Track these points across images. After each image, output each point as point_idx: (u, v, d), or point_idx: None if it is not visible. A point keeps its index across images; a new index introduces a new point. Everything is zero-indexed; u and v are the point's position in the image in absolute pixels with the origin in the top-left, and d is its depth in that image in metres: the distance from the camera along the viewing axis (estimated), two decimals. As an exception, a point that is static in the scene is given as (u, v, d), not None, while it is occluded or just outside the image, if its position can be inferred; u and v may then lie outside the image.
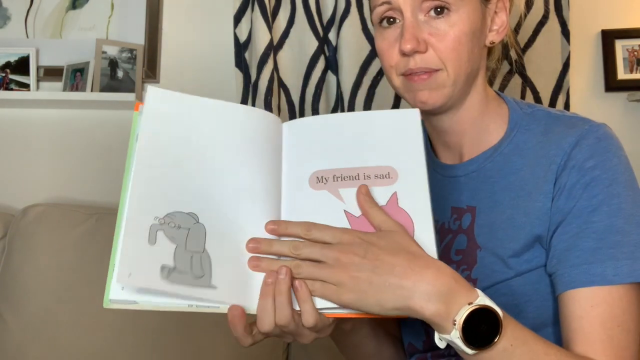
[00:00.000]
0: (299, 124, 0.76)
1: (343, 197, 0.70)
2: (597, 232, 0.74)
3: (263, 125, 0.73)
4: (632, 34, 1.85)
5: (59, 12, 1.91)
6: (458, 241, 0.84)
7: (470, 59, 0.81)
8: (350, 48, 1.74)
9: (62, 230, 1.61)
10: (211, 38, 1.89)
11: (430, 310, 0.64)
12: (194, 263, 0.64)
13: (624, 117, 1.86)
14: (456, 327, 0.63)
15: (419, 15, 0.79)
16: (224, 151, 0.71)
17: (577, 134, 0.78)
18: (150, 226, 0.64)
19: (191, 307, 0.63)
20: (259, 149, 0.72)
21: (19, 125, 1.90)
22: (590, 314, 0.71)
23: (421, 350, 0.89)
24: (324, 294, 0.65)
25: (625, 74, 1.85)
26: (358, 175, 0.71)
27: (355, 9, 1.74)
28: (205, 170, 0.69)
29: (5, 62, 1.85)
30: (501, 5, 0.84)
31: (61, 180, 1.87)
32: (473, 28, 0.80)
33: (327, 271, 0.65)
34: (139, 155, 0.67)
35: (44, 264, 1.57)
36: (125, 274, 0.60)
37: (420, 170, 0.72)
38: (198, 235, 0.65)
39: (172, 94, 0.72)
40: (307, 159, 0.73)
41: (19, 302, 1.56)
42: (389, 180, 0.71)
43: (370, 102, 1.75)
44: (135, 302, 0.62)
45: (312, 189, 0.71)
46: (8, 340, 1.53)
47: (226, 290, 0.64)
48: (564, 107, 1.75)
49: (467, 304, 0.64)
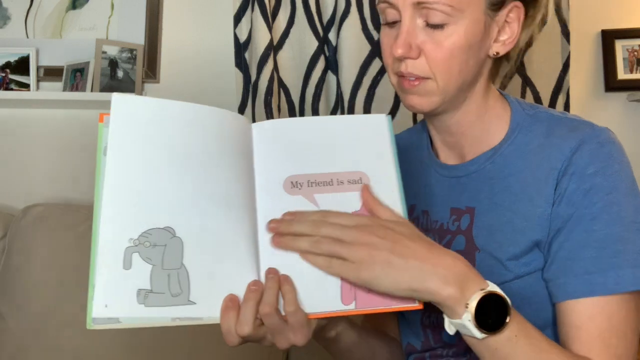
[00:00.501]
0: (268, 126, 0.75)
1: (318, 202, 0.71)
2: (598, 240, 0.73)
3: (233, 127, 0.72)
4: (632, 34, 1.85)
5: (59, 12, 1.91)
6: (457, 242, 0.84)
7: (463, 71, 0.79)
8: (350, 48, 1.74)
9: (62, 230, 1.61)
10: (211, 38, 1.89)
11: (446, 292, 0.66)
12: (171, 281, 0.63)
13: (624, 117, 1.86)
14: (468, 309, 0.65)
15: (417, 20, 0.77)
16: (197, 156, 0.68)
17: (578, 138, 0.77)
18: (124, 250, 0.63)
19: (175, 322, 0.63)
20: (231, 152, 0.70)
21: (19, 125, 1.90)
22: (589, 325, 0.72)
23: (419, 350, 0.89)
24: (341, 271, 0.66)
25: (625, 74, 1.86)
26: (332, 181, 0.72)
27: (355, 9, 1.74)
28: (178, 178, 0.67)
29: (5, 62, 1.85)
30: (514, 16, 0.80)
31: (61, 180, 1.87)
32: (470, 42, 0.77)
33: (347, 248, 0.66)
34: (109, 171, 0.65)
35: (44, 264, 1.57)
36: (101, 305, 0.61)
37: (391, 175, 0.73)
38: (175, 250, 0.64)
39: (137, 99, 0.70)
40: (280, 163, 0.72)
41: (19, 302, 1.56)
42: (361, 185, 0.72)
43: (371, 102, 1.75)
44: (118, 321, 0.62)
45: (287, 194, 0.71)
46: (8, 340, 1.53)
47: (205, 304, 0.64)
48: (564, 107, 1.75)
49: (479, 289, 0.66)
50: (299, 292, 0.67)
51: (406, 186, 0.93)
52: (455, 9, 0.75)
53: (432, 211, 0.89)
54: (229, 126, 0.71)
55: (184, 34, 1.91)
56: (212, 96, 1.88)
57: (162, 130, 0.68)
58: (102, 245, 0.63)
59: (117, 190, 0.65)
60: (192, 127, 0.69)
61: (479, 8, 0.77)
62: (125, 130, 0.67)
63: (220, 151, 0.69)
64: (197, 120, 0.70)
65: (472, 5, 0.77)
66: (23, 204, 1.73)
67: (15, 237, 1.63)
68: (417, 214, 0.91)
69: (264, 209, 0.70)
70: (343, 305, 0.67)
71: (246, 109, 1.78)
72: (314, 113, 1.79)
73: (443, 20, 0.75)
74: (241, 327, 0.64)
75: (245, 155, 0.72)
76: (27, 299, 1.55)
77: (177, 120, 0.69)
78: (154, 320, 0.62)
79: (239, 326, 0.64)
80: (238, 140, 0.71)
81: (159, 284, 0.63)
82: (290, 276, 0.67)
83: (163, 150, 0.67)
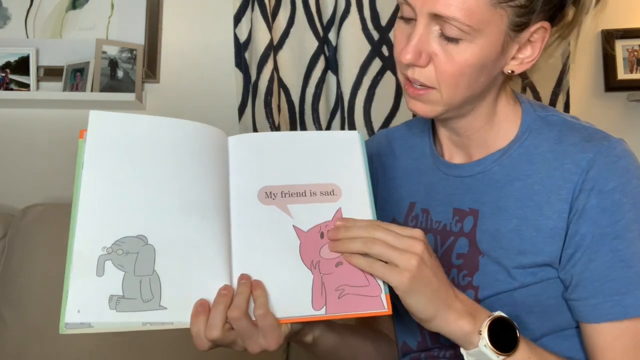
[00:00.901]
0: (245, 139, 0.78)
1: (291, 212, 0.74)
2: (625, 260, 0.73)
3: (208, 140, 0.75)
4: (632, 34, 1.85)
5: (59, 12, 1.91)
6: (459, 244, 0.82)
7: (471, 87, 0.76)
8: (350, 48, 1.74)
9: (62, 230, 1.59)
10: (211, 38, 1.89)
11: (461, 324, 0.70)
12: (143, 287, 0.65)
13: (624, 117, 1.86)
14: (482, 336, 0.69)
15: (432, 26, 0.73)
16: (171, 168, 0.71)
17: (594, 151, 0.75)
18: (98, 258, 0.65)
19: (145, 326, 0.65)
20: (205, 163, 0.73)
21: (19, 125, 1.90)
22: (614, 345, 0.74)
23: (415, 350, 0.89)
24: (384, 273, 0.68)
25: (625, 74, 1.85)
26: (305, 192, 0.75)
27: (355, 9, 1.74)
28: (152, 189, 0.70)
29: (5, 62, 1.85)
30: (538, 37, 0.76)
31: (61, 180, 1.87)
32: (483, 61, 0.73)
33: (398, 253, 0.68)
34: (84, 184, 0.68)
35: (44, 264, 1.57)
36: (74, 310, 0.63)
37: (362, 188, 0.76)
38: (147, 257, 0.67)
39: (114, 115, 0.73)
40: (255, 174, 0.75)
41: (19, 302, 1.56)
42: (334, 197, 0.75)
43: (371, 102, 1.75)
44: (90, 326, 0.63)
45: (261, 204, 0.74)
46: (8, 340, 1.53)
47: (176, 309, 0.66)
48: (564, 107, 1.75)
49: (487, 317, 0.71)
50: (270, 297, 0.69)
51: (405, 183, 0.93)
52: (474, 29, 0.71)
53: (433, 210, 0.87)
54: (204, 138, 0.74)
55: (184, 34, 1.91)
56: (212, 96, 1.88)
57: (136, 145, 0.71)
58: (76, 253, 0.65)
59: (92, 201, 0.68)
60: (166, 141, 0.73)
61: (500, 29, 0.72)
62: (101, 145, 0.71)
63: (193, 162, 0.72)
64: (171, 134, 0.73)
65: (493, 25, 0.72)
66: (23, 204, 1.73)
67: (15, 237, 1.63)
68: (417, 212, 0.89)
69: (237, 218, 0.73)
70: (314, 310, 0.70)
71: (246, 109, 1.78)
72: (314, 113, 1.79)
73: (459, 35, 0.71)
74: (210, 331, 0.65)
75: (220, 166, 0.74)
76: (27, 299, 1.55)
77: (151, 135, 0.72)
78: (124, 325, 0.64)
79: (208, 330, 0.65)
80: (213, 152, 0.74)
81: (130, 290, 0.65)
82: (263, 281, 0.69)
83: (137, 163, 0.71)
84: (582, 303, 0.75)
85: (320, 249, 0.73)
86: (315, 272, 0.71)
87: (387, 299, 0.71)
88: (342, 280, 0.71)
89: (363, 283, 0.71)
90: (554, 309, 0.78)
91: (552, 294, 0.78)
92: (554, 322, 0.78)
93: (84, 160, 0.69)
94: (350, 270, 0.72)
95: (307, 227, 0.73)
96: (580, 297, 0.75)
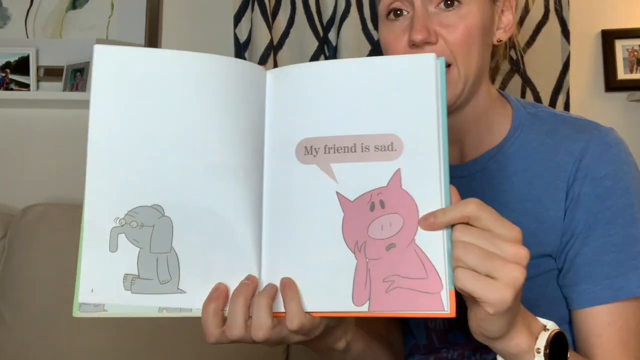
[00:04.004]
0: (284, 73, 0.62)
1: (336, 174, 0.58)
2: (616, 244, 0.73)
3: (240, 78, 0.60)
4: (632, 34, 1.85)
5: (59, 12, 1.91)
6: None
7: (480, 54, 0.78)
8: (350, 48, 1.74)
9: (62, 230, 1.61)
10: (211, 38, 1.89)
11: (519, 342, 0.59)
12: (160, 266, 0.58)
13: (624, 117, 1.86)
14: (541, 354, 0.59)
15: (429, 7, 0.76)
16: (193, 118, 0.59)
17: (586, 140, 0.77)
18: (110, 230, 0.58)
19: (162, 313, 0.57)
20: (235, 110, 0.59)
21: (19, 125, 1.90)
22: (609, 330, 0.72)
23: (423, 352, 0.89)
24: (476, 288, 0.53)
25: (625, 74, 1.85)
26: (355, 146, 0.58)
27: (355, 9, 1.74)
28: (169, 146, 0.58)
29: (5, 62, 1.85)
30: (508, 4, 0.83)
31: (61, 180, 1.87)
32: (484, 22, 0.77)
33: (500, 263, 0.53)
34: (91, 137, 0.58)
35: (44, 264, 1.57)
36: (87, 290, 0.57)
37: (432, 142, 0.57)
38: (164, 232, 0.58)
39: (123, 50, 0.60)
40: (294, 122, 0.60)
41: (19, 302, 1.56)
42: (392, 153, 0.57)
43: (370, 102, 1.75)
44: (104, 309, 0.57)
45: (299, 163, 0.59)
46: (8, 340, 1.53)
47: (196, 294, 0.57)
48: (564, 107, 1.75)
49: (542, 329, 0.61)
50: (305, 286, 0.57)
51: None
52: None
53: None
54: (236, 77, 0.60)
55: (184, 34, 1.91)
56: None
57: (151, 88, 0.59)
58: (88, 224, 0.58)
59: (100, 162, 0.58)
60: (188, 81, 0.59)
61: None
62: (109, 89, 0.59)
63: (222, 110, 0.59)
64: (194, 72, 0.60)
65: None
66: (23, 204, 1.73)
67: (15, 237, 1.63)
68: None
69: (270, 182, 0.59)
70: (354, 305, 0.56)
71: (246, 109, 1.78)
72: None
73: None
74: (230, 331, 0.57)
75: (255, 112, 0.60)
76: (27, 299, 1.55)
77: (169, 74, 0.59)
78: (140, 309, 0.57)
79: (228, 329, 0.57)
80: (246, 94, 0.60)
81: (146, 269, 0.57)
82: (297, 269, 0.57)
83: (152, 111, 0.59)
84: (572, 288, 0.76)
85: (368, 225, 0.57)
86: (360, 256, 0.56)
87: (450, 298, 0.54)
88: (393, 269, 0.56)
89: (420, 274, 0.55)
90: (557, 301, 0.78)
91: (555, 285, 0.78)
92: (558, 314, 0.79)
93: (90, 110, 0.59)
94: (405, 256, 0.55)
95: (354, 194, 0.57)
96: (572, 282, 0.76)
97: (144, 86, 0.59)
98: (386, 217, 0.57)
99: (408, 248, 0.56)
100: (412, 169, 0.57)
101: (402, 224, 0.57)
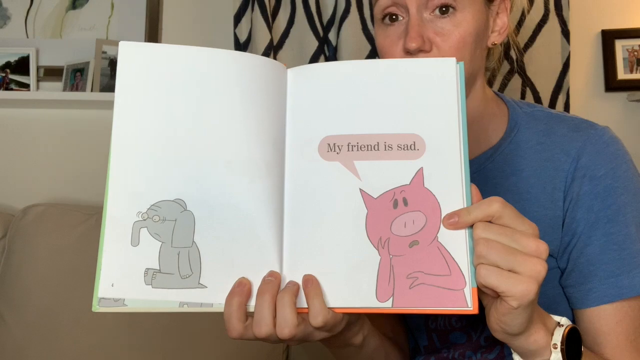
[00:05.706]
0: (306, 71, 0.63)
1: (359, 171, 0.59)
2: (618, 243, 0.74)
3: (263, 75, 0.61)
4: (632, 34, 1.85)
5: (59, 12, 1.91)
6: None
7: (473, 60, 0.78)
8: (350, 48, 1.74)
9: (62, 230, 1.61)
10: (211, 38, 1.89)
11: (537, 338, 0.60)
12: (181, 261, 0.58)
13: (624, 117, 1.86)
14: (557, 350, 0.60)
15: (424, 13, 0.76)
16: (216, 114, 0.60)
17: (583, 139, 0.77)
18: (133, 224, 0.58)
19: (183, 308, 0.58)
20: (258, 106, 0.60)
21: (19, 125, 1.90)
22: (616, 329, 0.73)
23: (423, 353, 0.89)
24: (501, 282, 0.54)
25: (625, 74, 1.85)
26: (378, 145, 0.59)
27: (355, 9, 1.74)
28: (192, 141, 0.59)
29: (5, 62, 1.85)
30: (503, 7, 0.83)
31: (61, 180, 1.87)
32: (478, 29, 0.77)
33: (522, 258, 0.54)
34: (116, 132, 0.59)
35: (44, 264, 1.57)
36: (108, 284, 0.57)
37: (453, 142, 0.59)
38: (186, 226, 0.58)
39: (149, 46, 0.62)
40: (317, 119, 0.61)
41: (19, 302, 1.56)
42: (415, 152, 0.59)
43: (370, 102, 1.75)
44: (124, 304, 0.57)
45: (322, 159, 0.60)
46: (8, 340, 1.53)
47: (217, 289, 0.58)
48: (564, 107, 1.75)
49: (556, 326, 0.62)
50: (327, 282, 0.57)
51: None
52: None
53: None
54: (259, 74, 0.61)
55: (184, 34, 1.91)
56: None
57: (175, 83, 0.60)
58: (110, 219, 0.58)
59: (124, 157, 0.59)
60: (212, 77, 0.61)
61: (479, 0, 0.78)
62: (133, 85, 0.60)
63: (245, 105, 0.60)
64: (218, 68, 0.61)
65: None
66: (23, 204, 1.73)
67: (15, 237, 1.63)
68: None
69: (292, 178, 0.60)
70: (377, 301, 0.56)
71: (246, 109, 1.78)
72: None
73: (449, 1, 0.75)
74: (259, 328, 0.56)
75: (277, 109, 0.61)
76: (27, 299, 1.55)
77: (193, 70, 0.61)
78: (160, 304, 0.57)
79: (257, 327, 0.56)
80: (268, 90, 0.61)
81: (167, 264, 0.58)
82: (319, 265, 0.58)
83: (176, 106, 0.60)
84: (577, 288, 0.76)
85: (391, 222, 0.58)
86: (383, 252, 0.57)
87: (473, 295, 0.55)
88: (416, 266, 0.57)
89: (443, 271, 0.56)
90: (557, 299, 0.78)
91: (554, 284, 0.78)
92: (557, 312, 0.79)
93: (114, 105, 0.60)
94: (428, 253, 0.57)
95: (378, 192, 0.58)
96: (576, 283, 0.76)
97: (168, 82, 0.61)
98: (409, 215, 0.58)
99: (431, 245, 0.57)
100: (434, 168, 0.58)
101: (425, 221, 0.58)
